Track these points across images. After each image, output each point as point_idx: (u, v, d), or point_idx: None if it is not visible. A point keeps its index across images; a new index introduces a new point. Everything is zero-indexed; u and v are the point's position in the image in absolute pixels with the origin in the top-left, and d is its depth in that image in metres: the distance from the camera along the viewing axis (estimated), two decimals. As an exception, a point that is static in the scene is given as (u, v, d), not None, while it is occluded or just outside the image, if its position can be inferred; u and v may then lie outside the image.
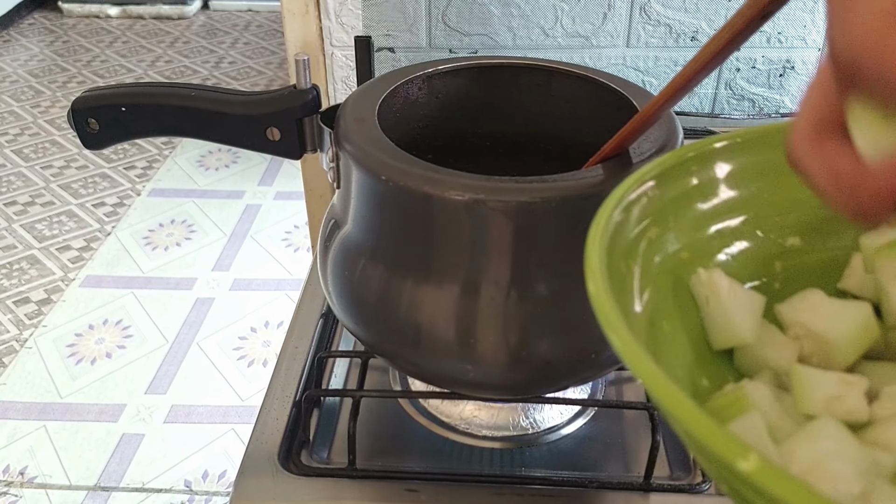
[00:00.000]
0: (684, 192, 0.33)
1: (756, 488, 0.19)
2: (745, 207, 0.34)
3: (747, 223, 0.34)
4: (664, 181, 0.32)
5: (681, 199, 0.33)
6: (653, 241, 0.31)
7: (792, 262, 0.34)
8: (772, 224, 0.34)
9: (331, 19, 0.83)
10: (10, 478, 1.33)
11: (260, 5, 3.37)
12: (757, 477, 0.18)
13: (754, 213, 0.34)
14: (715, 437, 0.19)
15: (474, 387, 0.44)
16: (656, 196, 0.31)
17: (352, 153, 0.42)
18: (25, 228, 1.97)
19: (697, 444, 0.20)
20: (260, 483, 0.45)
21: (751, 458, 0.19)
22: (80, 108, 0.47)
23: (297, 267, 1.85)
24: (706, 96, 0.88)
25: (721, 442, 0.19)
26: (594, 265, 0.26)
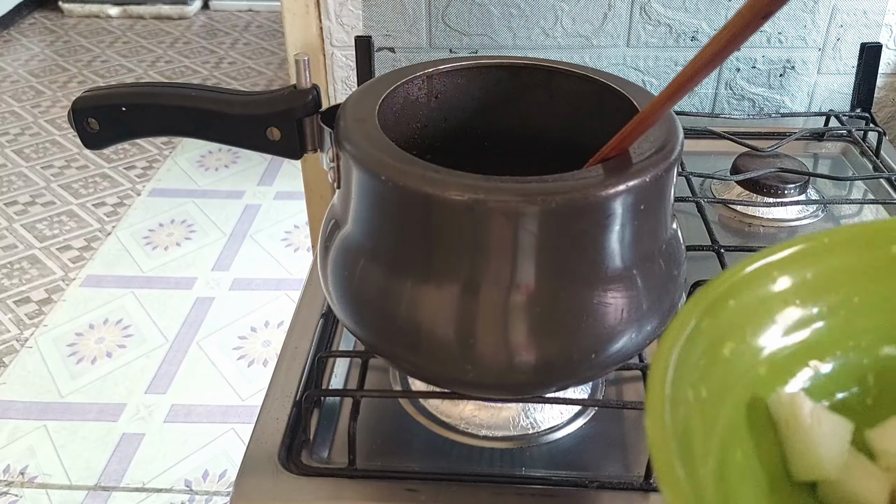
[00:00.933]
0: (762, 300, 0.29)
1: None
2: (832, 315, 0.30)
3: (834, 331, 0.31)
4: (739, 290, 0.29)
5: (759, 309, 0.29)
6: (727, 358, 0.28)
7: (888, 374, 0.31)
8: (863, 331, 0.31)
9: (331, 19, 0.83)
10: (11, 477, 1.33)
11: (260, 5, 3.37)
12: None
13: (843, 319, 0.31)
14: None
15: (474, 387, 0.44)
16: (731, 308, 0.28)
17: (352, 153, 0.42)
18: (26, 228, 1.97)
19: None
20: (260, 483, 0.45)
21: None
22: (81, 107, 0.47)
23: (297, 267, 1.85)
24: (706, 96, 0.88)
25: None
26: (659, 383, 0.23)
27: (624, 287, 0.42)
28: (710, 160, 0.79)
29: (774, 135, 0.81)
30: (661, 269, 0.44)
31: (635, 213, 0.40)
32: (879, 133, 0.79)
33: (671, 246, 0.45)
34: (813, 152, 0.82)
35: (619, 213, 0.40)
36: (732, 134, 0.77)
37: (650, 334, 0.44)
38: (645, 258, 0.42)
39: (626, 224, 0.40)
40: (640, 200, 0.40)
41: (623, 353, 0.43)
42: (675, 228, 0.46)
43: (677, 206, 0.69)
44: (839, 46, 0.85)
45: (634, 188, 0.39)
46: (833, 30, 0.84)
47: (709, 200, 0.70)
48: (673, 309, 0.45)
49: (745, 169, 0.72)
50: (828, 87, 0.87)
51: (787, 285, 0.30)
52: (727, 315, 0.28)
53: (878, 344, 0.31)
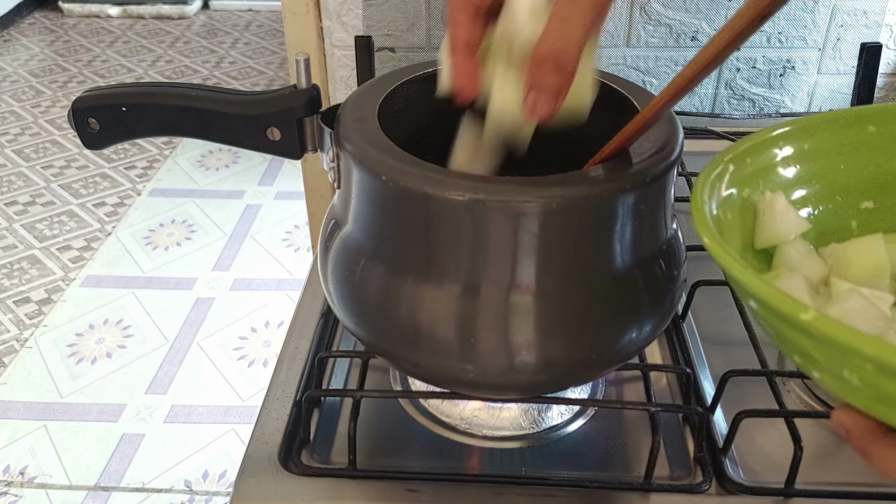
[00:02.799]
0: (770, 163, 0.40)
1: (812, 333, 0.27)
2: (823, 176, 0.41)
3: (825, 188, 0.41)
4: (753, 153, 0.40)
5: (768, 169, 0.40)
6: (745, 198, 0.39)
7: (866, 220, 0.41)
8: (847, 189, 0.41)
9: (331, 19, 0.83)
10: (11, 478, 1.33)
11: (260, 5, 3.37)
12: (815, 324, 0.26)
13: (832, 180, 0.41)
14: (784, 300, 0.28)
15: (474, 387, 0.44)
16: (746, 165, 0.39)
17: (352, 153, 0.42)
18: (26, 228, 1.97)
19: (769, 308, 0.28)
20: (260, 483, 0.45)
21: (810, 312, 0.27)
22: (81, 107, 0.47)
23: (298, 267, 1.85)
24: (706, 96, 0.88)
25: (788, 303, 0.27)
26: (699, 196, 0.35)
27: (624, 287, 0.42)
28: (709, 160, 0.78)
29: (774, 135, 0.81)
30: (661, 269, 0.44)
31: (635, 213, 0.40)
32: (879, 133, 0.79)
33: (671, 246, 0.45)
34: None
35: (620, 213, 0.40)
36: (732, 134, 0.77)
37: (650, 334, 0.44)
38: (645, 258, 0.42)
39: (626, 224, 0.40)
40: (640, 200, 0.40)
41: (623, 353, 0.43)
42: (675, 228, 0.46)
43: (677, 206, 0.68)
44: (839, 46, 0.85)
45: (634, 188, 0.39)
46: (833, 30, 0.84)
47: (709, 200, 0.70)
48: (673, 309, 0.45)
49: (746, 169, 0.72)
50: (828, 87, 0.87)
51: (789, 152, 0.41)
52: (746, 168, 0.39)
53: (859, 199, 0.42)
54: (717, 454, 0.47)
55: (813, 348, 0.28)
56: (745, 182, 0.39)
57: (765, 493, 0.45)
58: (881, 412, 0.28)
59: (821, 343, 0.27)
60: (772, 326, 0.31)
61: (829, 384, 0.30)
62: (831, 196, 0.41)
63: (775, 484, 0.45)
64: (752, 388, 0.51)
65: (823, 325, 0.26)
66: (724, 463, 0.46)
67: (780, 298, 0.28)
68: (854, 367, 0.27)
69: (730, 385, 0.49)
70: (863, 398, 0.28)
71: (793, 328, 0.28)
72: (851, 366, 0.27)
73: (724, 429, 0.49)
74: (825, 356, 0.28)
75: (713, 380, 0.53)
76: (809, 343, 0.28)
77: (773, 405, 0.48)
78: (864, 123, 0.41)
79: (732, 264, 0.30)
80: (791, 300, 0.27)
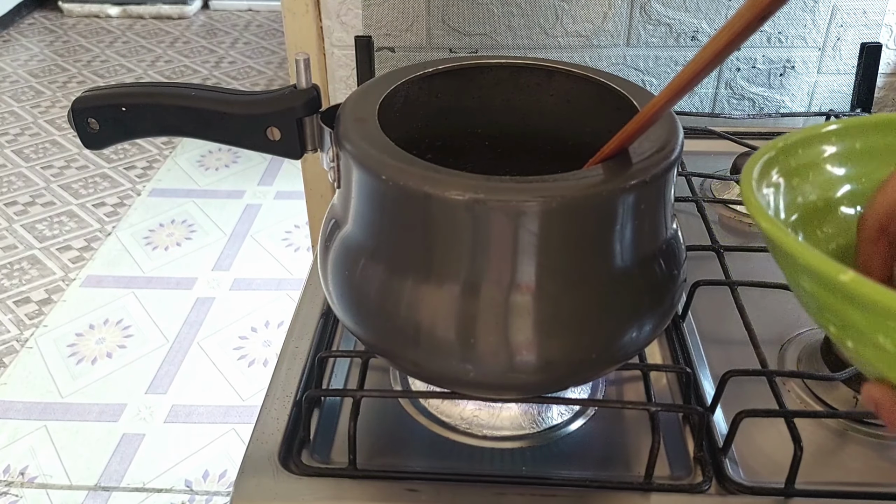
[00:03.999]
0: (820, 158, 0.41)
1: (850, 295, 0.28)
2: (872, 176, 0.41)
3: (871, 189, 0.40)
4: (804, 145, 0.40)
5: (819, 161, 0.41)
6: (794, 186, 0.40)
7: None
8: None
9: (331, 19, 0.83)
10: (11, 478, 1.33)
11: (260, 5, 3.37)
12: (852, 285, 0.27)
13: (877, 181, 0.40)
14: (823, 262, 0.28)
15: (474, 387, 0.44)
16: (797, 156, 0.40)
17: (352, 153, 0.42)
18: (26, 228, 1.97)
19: (809, 272, 0.29)
20: (260, 483, 0.45)
21: (849, 273, 0.27)
22: (80, 108, 0.47)
23: (298, 267, 1.85)
24: (706, 96, 0.88)
25: (827, 264, 0.28)
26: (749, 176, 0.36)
27: (624, 287, 0.42)
28: (710, 160, 0.79)
29: (774, 135, 0.81)
30: (661, 269, 0.44)
31: (635, 213, 0.40)
32: (879, 133, 0.79)
33: (671, 246, 0.45)
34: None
35: (620, 212, 0.40)
36: (732, 134, 0.77)
37: (650, 334, 0.44)
38: (645, 258, 0.42)
39: (627, 224, 0.40)
40: (640, 200, 0.40)
41: (623, 352, 0.43)
42: (675, 228, 0.46)
43: (677, 206, 0.69)
44: (839, 46, 0.85)
45: (634, 188, 0.39)
46: (833, 30, 0.84)
47: (709, 200, 0.70)
48: (673, 309, 0.45)
49: (745, 169, 0.72)
50: (828, 87, 0.87)
51: (839, 149, 0.42)
52: (796, 158, 0.40)
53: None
54: (717, 454, 0.47)
55: (850, 312, 0.29)
56: (794, 172, 0.40)
57: (765, 493, 0.45)
58: None
59: (857, 306, 0.28)
60: (809, 293, 0.32)
61: (863, 354, 0.30)
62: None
63: (775, 484, 0.45)
64: (752, 387, 0.51)
65: (861, 286, 0.27)
66: (724, 463, 0.46)
67: (819, 260, 0.28)
68: (889, 331, 0.27)
69: (730, 385, 0.49)
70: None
71: (831, 291, 0.29)
72: (887, 329, 0.27)
73: (724, 429, 0.49)
74: (861, 321, 0.29)
75: (713, 380, 0.53)
76: (847, 308, 0.29)
77: (773, 405, 0.48)
78: None
79: (777, 231, 0.31)
80: (830, 262, 0.28)
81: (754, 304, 0.56)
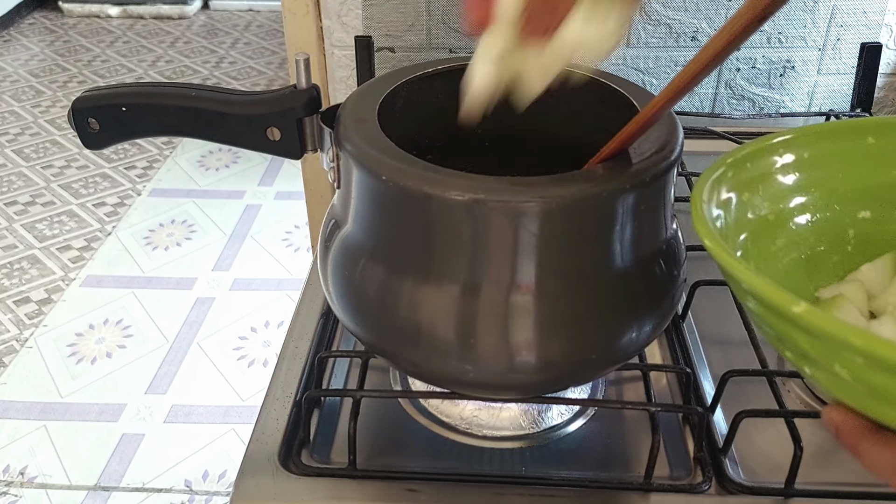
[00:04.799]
0: (770, 170, 0.41)
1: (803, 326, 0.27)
2: (822, 184, 0.42)
3: (824, 196, 0.42)
4: (753, 159, 0.40)
5: (768, 175, 0.41)
6: (744, 202, 0.39)
7: (863, 230, 0.42)
8: (844, 198, 0.42)
9: (331, 19, 0.83)
10: (10, 477, 1.33)
11: (260, 5, 3.37)
12: (806, 317, 0.26)
13: (830, 188, 0.42)
14: (776, 294, 0.28)
15: (474, 387, 0.44)
16: (746, 170, 0.40)
17: (352, 153, 0.42)
18: (26, 228, 1.97)
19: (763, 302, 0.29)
20: (260, 483, 0.45)
21: (801, 304, 0.27)
22: (81, 107, 0.47)
23: (297, 267, 1.85)
24: (706, 96, 0.88)
25: (780, 296, 0.28)
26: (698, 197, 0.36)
27: (624, 287, 0.42)
28: (710, 160, 0.78)
29: (774, 135, 0.81)
30: (661, 269, 0.44)
31: (635, 213, 0.40)
32: (879, 133, 0.79)
33: (671, 246, 0.45)
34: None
35: (619, 213, 0.40)
36: (732, 134, 0.77)
37: (650, 334, 0.44)
38: (645, 258, 0.42)
39: (626, 224, 0.40)
40: (640, 200, 0.40)
41: (623, 353, 0.43)
42: (675, 228, 0.46)
43: (677, 206, 0.68)
44: (839, 46, 0.85)
45: (634, 188, 0.39)
46: (833, 30, 0.84)
47: (709, 200, 0.70)
48: (673, 309, 0.45)
49: (745, 169, 0.72)
50: (828, 87, 0.87)
51: (789, 159, 0.41)
52: (745, 173, 0.40)
53: (856, 208, 0.42)
54: (717, 454, 0.47)
55: (805, 342, 0.28)
56: (744, 186, 0.40)
57: (765, 493, 0.45)
58: (872, 408, 0.29)
59: (812, 336, 0.27)
60: (766, 322, 0.32)
61: (820, 381, 0.30)
62: (829, 205, 0.42)
63: (775, 484, 0.45)
64: (752, 388, 0.51)
65: (814, 317, 0.26)
66: (724, 463, 0.46)
67: (772, 292, 0.28)
68: (845, 361, 0.27)
69: (730, 385, 0.49)
70: (854, 394, 0.29)
71: (786, 322, 0.28)
72: (842, 359, 0.27)
73: (724, 429, 0.49)
74: (817, 350, 0.28)
75: (713, 380, 0.53)
76: (802, 337, 0.28)
77: (773, 405, 0.48)
78: (864, 135, 0.42)
79: (728, 260, 0.31)
80: (783, 293, 0.28)
81: (754, 305, 0.56)
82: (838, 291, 0.40)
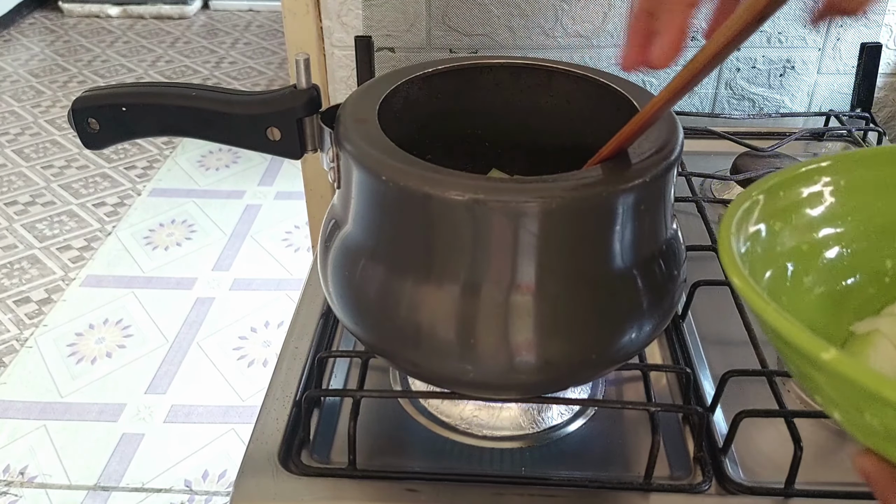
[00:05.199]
0: (802, 198, 0.39)
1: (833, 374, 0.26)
2: (858, 213, 0.40)
3: (860, 226, 0.40)
4: (786, 187, 0.38)
5: (802, 202, 0.39)
6: (776, 232, 0.38)
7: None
8: (881, 228, 0.40)
9: (331, 19, 0.83)
10: (10, 477, 1.33)
11: (260, 5, 3.37)
12: (835, 364, 0.25)
13: (866, 218, 0.40)
14: (806, 339, 0.26)
15: (474, 387, 0.44)
16: (779, 199, 0.38)
17: (352, 153, 0.42)
18: (26, 228, 1.97)
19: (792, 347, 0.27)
20: (260, 483, 0.46)
21: (831, 351, 0.25)
22: (81, 107, 0.47)
23: (297, 267, 1.85)
24: (706, 96, 0.88)
25: (810, 341, 0.26)
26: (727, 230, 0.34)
27: (624, 287, 0.42)
28: (710, 160, 0.79)
29: (774, 135, 0.82)
30: (661, 269, 0.44)
31: (635, 213, 0.40)
32: (879, 133, 0.79)
33: (671, 246, 0.45)
34: (813, 152, 0.82)
35: (619, 213, 0.40)
36: (732, 134, 0.77)
37: (650, 334, 0.44)
38: (645, 258, 0.42)
39: (626, 224, 0.40)
40: (640, 200, 0.40)
41: (623, 353, 0.43)
42: (675, 228, 0.46)
43: (677, 206, 0.69)
44: (839, 46, 0.85)
45: (634, 188, 0.39)
46: (833, 30, 0.84)
47: (709, 200, 0.70)
48: (673, 309, 0.45)
49: (745, 169, 0.72)
50: (828, 87, 0.87)
51: (823, 188, 0.39)
52: (778, 202, 0.38)
53: (894, 239, 0.40)
54: (717, 454, 0.47)
55: (834, 390, 0.27)
56: (776, 216, 0.38)
57: (765, 493, 0.45)
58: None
59: (842, 385, 0.26)
60: (795, 365, 0.30)
61: (850, 427, 0.29)
62: (867, 235, 0.40)
63: (775, 484, 0.45)
64: (752, 388, 0.51)
65: (844, 366, 0.25)
66: (724, 463, 0.46)
67: (802, 337, 0.27)
68: (876, 412, 0.26)
69: (730, 385, 0.49)
70: (885, 443, 0.28)
71: (815, 368, 0.27)
72: (873, 410, 0.26)
73: (724, 429, 0.49)
74: (847, 399, 0.27)
75: (713, 380, 0.53)
76: (831, 384, 0.27)
77: (773, 405, 0.48)
78: None
79: (758, 301, 0.29)
80: (813, 338, 0.26)
81: (754, 305, 0.56)
82: (874, 326, 0.38)
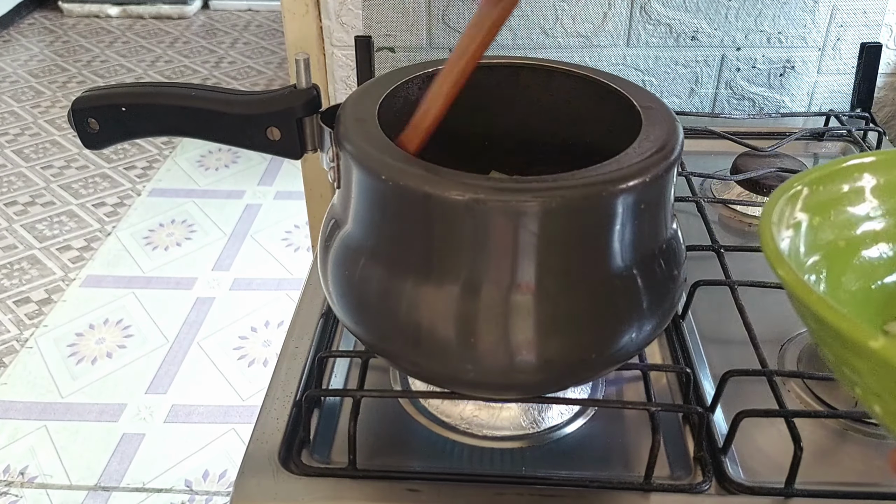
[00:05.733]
0: (842, 194, 0.39)
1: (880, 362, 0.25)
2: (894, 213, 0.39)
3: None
4: (826, 181, 0.38)
5: (842, 198, 0.39)
6: (814, 227, 0.37)
7: None
8: None
9: (331, 19, 0.83)
10: (11, 478, 1.33)
11: (260, 5, 3.37)
12: (884, 353, 0.25)
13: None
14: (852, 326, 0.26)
15: (474, 387, 0.44)
16: (819, 193, 0.38)
17: (352, 153, 0.42)
18: (26, 228, 1.97)
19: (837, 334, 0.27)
20: (260, 483, 0.46)
21: (880, 339, 0.25)
22: (80, 108, 0.47)
23: (297, 267, 1.85)
24: (706, 96, 0.88)
25: (857, 329, 0.26)
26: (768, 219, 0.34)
27: (624, 287, 0.42)
28: (710, 160, 0.79)
29: (774, 135, 0.82)
30: (661, 269, 0.44)
31: (635, 213, 0.40)
32: (879, 133, 0.79)
33: (671, 246, 0.45)
34: (813, 152, 0.82)
35: (619, 212, 0.40)
36: (732, 134, 0.77)
37: (650, 334, 0.44)
38: (645, 258, 0.42)
39: (626, 224, 0.40)
40: (640, 200, 0.40)
41: (623, 352, 0.43)
42: (675, 228, 0.46)
43: (677, 206, 0.69)
44: (839, 46, 0.85)
45: (634, 188, 0.39)
46: (833, 30, 0.84)
47: (709, 200, 0.70)
48: (673, 309, 0.45)
49: (745, 169, 0.72)
50: (828, 87, 0.87)
51: (865, 184, 0.39)
52: (818, 196, 0.37)
53: None
54: (717, 454, 0.47)
55: (878, 380, 0.27)
56: (816, 209, 0.38)
57: (765, 493, 0.45)
58: None
59: (888, 374, 0.26)
60: (837, 355, 0.30)
61: (890, 421, 0.29)
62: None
63: (775, 484, 0.45)
64: (752, 387, 0.51)
65: (894, 355, 0.25)
66: (724, 463, 0.46)
67: (849, 324, 0.26)
68: None
69: (730, 385, 0.49)
70: None
71: (860, 357, 0.27)
72: None
73: (724, 428, 0.49)
74: (890, 390, 0.27)
75: (713, 379, 0.53)
76: (875, 374, 0.27)
77: (773, 405, 0.48)
78: None
79: (803, 289, 0.29)
80: (861, 326, 0.26)
81: (754, 304, 0.56)
82: None
